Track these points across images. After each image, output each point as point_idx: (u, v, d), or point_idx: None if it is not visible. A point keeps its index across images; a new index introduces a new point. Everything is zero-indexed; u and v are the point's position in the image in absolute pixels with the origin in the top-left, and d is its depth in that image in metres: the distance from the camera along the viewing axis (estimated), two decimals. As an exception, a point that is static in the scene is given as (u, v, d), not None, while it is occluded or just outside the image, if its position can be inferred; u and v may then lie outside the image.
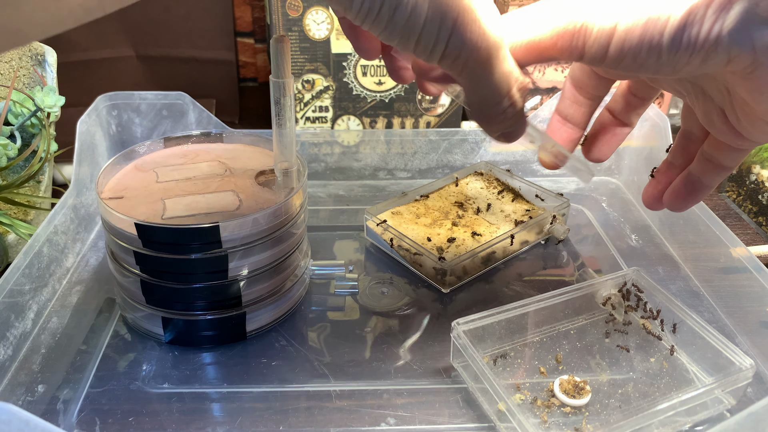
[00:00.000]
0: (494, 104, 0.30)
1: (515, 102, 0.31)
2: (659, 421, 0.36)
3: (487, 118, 0.31)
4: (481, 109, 0.31)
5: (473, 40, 0.27)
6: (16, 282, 0.41)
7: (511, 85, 0.30)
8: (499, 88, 0.30)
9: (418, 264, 0.51)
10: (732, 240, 0.47)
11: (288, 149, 0.44)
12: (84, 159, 0.53)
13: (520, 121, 0.32)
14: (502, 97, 0.30)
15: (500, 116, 0.31)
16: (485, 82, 0.29)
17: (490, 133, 0.32)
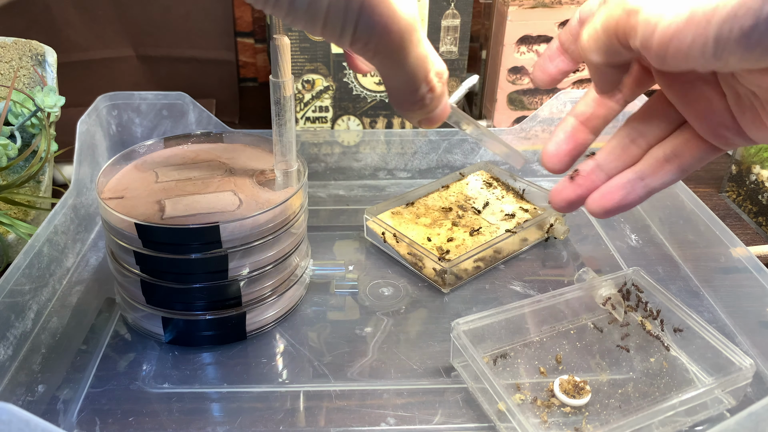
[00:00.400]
0: (411, 90, 0.30)
1: (434, 88, 0.30)
2: (659, 421, 0.36)
3: (405, 105, 0.31)
4: (399, 95, 0.30)
5: (383, 23, 0.26)
6: (16, 282, 0.41)
7: (427, 70, 0.29)
8: (415, 74, 0.29)
9: (418, 264, 0.51)
10: (732, 240, 0.47)
11: (288, 149, 0.44)
12: (84, 159, 0.53)
13: (441, 107, 0.31)
14: (419, 83, 0.30)
15: (419, 102, 0.30)
16: (400, 67, 0.29)
17: (410, 120, 0.32)
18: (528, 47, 0.66)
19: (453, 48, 0.65)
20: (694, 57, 0.29)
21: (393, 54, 0.28)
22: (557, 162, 0.41)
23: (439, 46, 0.64)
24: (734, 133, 0.35)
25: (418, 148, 0.64)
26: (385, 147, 0.63)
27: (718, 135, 0.36)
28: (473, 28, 0.66)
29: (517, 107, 0.69)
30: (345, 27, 0.26)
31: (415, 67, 0.29)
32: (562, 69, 0.42)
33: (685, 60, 0.30)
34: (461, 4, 0.63)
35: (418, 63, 0.29)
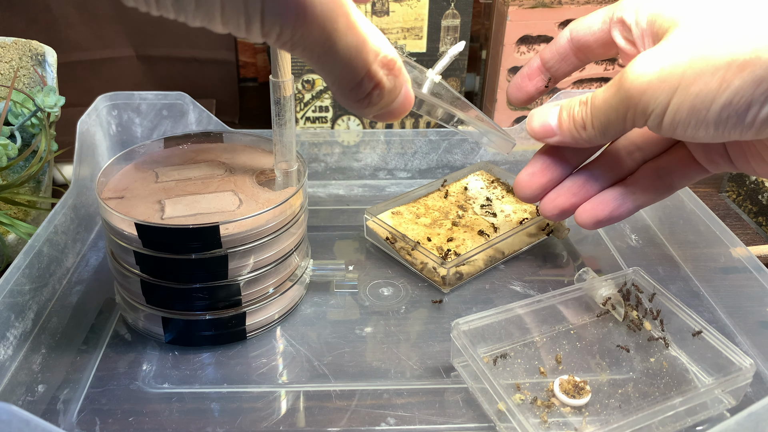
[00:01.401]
0: (350, 87, 0.26)
1: (380, 82, 0.26)
2: (659, 421, 0.36)
3: (348, 103, 0.27)
4: (337, 92, 0.26)
5: (294, 7, 0.22)
6: (16, 282, 0.41)
7: (367, 62, 0.25)
8: (350, 67, 0.25)
9: (417, 265, 0.51)
10: (732, 240, 0.47)
11: (288, 149, 0.44)
12: (84, 159, 0.53)
13: (398, 101, 0.27)
14: (358, 78, 0.25)
15: (364, 100, 0.26)
16: (329, 61, 0.25)
17: (363, 116, 0.30)
18: (528, 47, 0.66)
19: (453, 48, 0.65)
20: (700, 137, 0.32)
21: (316, 45, 0.24)
22: (525, 195, 0.42)
23: (439, 46, 0.64)
24: (725, 161, 0.38)
25: (418, 148, 0.64)
26: (385, 147, 0.63)
27: (711, 161, 0.39)
28: (473, 28, 0.66)
29: (517, 107, 0.69)
30: (250, 19, 0.22)
31: (349, 59, 0.25)
32: (540, 88, 0.43)
33: (692, 137, 0.33)
34: (461, 4, 0.63)
35: (351, 54, 0.24)
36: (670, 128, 0.32)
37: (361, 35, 0.24)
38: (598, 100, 0.35)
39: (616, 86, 0.34)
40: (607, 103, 0.34)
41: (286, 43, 0.23)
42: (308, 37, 0.23)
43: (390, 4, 0.62)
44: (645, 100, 0.32)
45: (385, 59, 0.26)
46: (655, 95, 0.32)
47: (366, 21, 0.25)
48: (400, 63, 0.26)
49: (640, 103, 0.32)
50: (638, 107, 0.33)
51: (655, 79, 0.31)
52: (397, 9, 0.62)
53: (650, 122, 0.33)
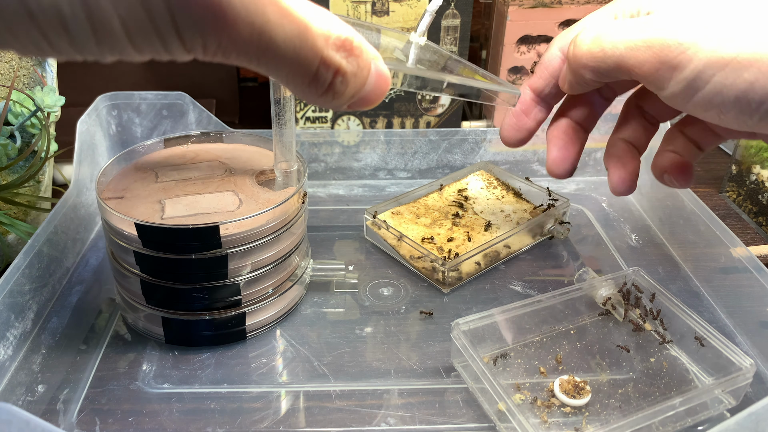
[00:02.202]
0: (308, 82, 0.23)
1: (339, 68, 0.23)
2: (659, 421, 0.36)
3: (311, 99, 0.24)
4: (297, 90, 0.23)
5: (211, 14, 0.19)
6: (16, 282, 0.41)
7: (316, 48, 0.22)
8: (299, 60, 0.22)
9: (417, 265, 0.51)
10: (732, 240, 0.47)
11: (288, 149, 0.44)
12: (84, 159, 0.53)
13: (371, 83, 0.24)
14: (313, 69, 0.22)
15: (328, 92, 0.23)
16: (273, 60, 0.21)
17: (335, 109, 0.25)
18: (528, 47, 0.66)
19: (453, 48, 0.65)
20: (726, 119, 0.30)
21: (250, 47, 0.21)
22: (564, 170, 0.40)
23: (439, 46, 0.64)
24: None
25: (418, 148, 0.64)
26: (385, 147, 0.63)
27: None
28: (473, 28, 0.66)
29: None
30: (165, 39, 0.20)
31: (295, 52, 0.21)
32: (540, 119, 0.41)
33: (714, 117, 0.30)
34: (461, 4, 0.63)
35: (295, 45, 0.21)
36: (699, 105, 0.30)
37: (300, 20, 0.21)
38: (619, 46, 0.31)
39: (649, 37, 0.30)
40: (632, 51, 0.31)
41: (216, 53, 0.21)
42: (238, 41, 0.20)
43: (390, 4, 0.62)
44: (688, 65, 0.29)
45: (339, 40, 0.22)
46: (705, 67, 0.28)
47: (303, 2, 0.21)
48: (360, 40, 0.23)
49: (680, 67, 0.29)
50: (676, 70, 0.29)
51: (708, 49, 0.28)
52: (397, 9, 0.62)
53: (679, 90, 0.30)
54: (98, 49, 0.19)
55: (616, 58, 0.32)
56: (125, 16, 0.19)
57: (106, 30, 0.19)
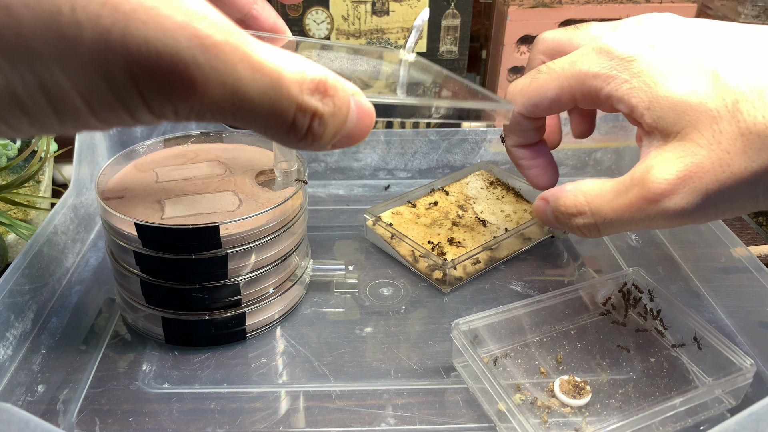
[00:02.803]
0: (286, 131, 0.22)
1: (316, 111, 0.22)
2: (659, 421, 0.36)
3: (292, 145, 0.23)
4: (277, 139, 0.23)
5: (178, 79, 0.18)
6: (16, 282, 0.41)
7: (293, 97, 0.21)
8: (276, 112, 0.21)
9: (417, 265, 0.51)
10: (732, 240, 0.47)
11: (288, 149, 0.44)
12: (84, 159, 0.53)
13: (352, 121, 0.24)
14: (290, 118, 0.22)
15: (307, 137, 0.23)
16: (249, 115, 0.21)
17: (319, 151, 0.25)
18: (528, 47, 0.66)
19: (453, 48, 0.65)
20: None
21: (225, 106, 0.20)
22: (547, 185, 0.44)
23: (439, 46, 0.64)
24: None
25: (418, 148, 0.64)
26: (385, 147, 0.63)
27: None
28: (473, 28, 0.66)
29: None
30: (132, 109, 0.19)
31: (270, 105, 0.21)
32: (552, 145, 0.45)
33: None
34: (461, 4, 0.63)
35: (270, 97, 0.21)
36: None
37: (272, 71, 0.20)
38: (607, 211, 0.34)
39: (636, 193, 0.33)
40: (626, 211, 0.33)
41: (189, 116, 0.20)
42: (210, 103, 0.20)
43: (390, 4, 0.62)
44: None
45: (312, 83, 0.21)
46: None
47: (270, 48, 0.21)
48: (334, 78, 0.22)
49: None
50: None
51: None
52: (397, 9, 0.62)
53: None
54: (61, 126, 0.19)
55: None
56: (86, 92, 0.18)
57: (67, 107, 0.18)
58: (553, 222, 0.37)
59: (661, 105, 0.31)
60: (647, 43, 0.33)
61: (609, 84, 0.33)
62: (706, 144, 0.30)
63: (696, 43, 0.32)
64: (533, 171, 0.43)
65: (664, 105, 0.31)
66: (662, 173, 0.31)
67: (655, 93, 0.32)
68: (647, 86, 0.32)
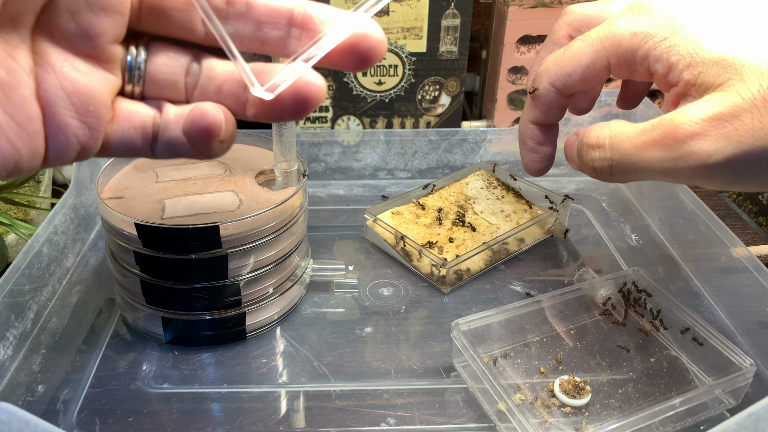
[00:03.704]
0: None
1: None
2: (659, 421, 0.36)
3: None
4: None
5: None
6: (16, 282, 0.41)
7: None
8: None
9: (417, 265, 0.51)
10: (732, 240, 0.47)
11: (288, 149, 0.44)
12: (84, 159, 0.53)
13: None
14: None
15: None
16: None
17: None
18: (528, 47, 0.66)
19: (453, 48, 0.65)
20: None
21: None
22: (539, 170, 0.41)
23: (439, 46, 0.64)
24: None
25: (418, 148, 0.64)
26: (385, 147, 0.63)
27: None
28: (473, 28, 0.66)
29: (517, 107, 0.69)
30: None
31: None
32: (553, 141, 0.40)
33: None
34: (461, 4, 0.63)
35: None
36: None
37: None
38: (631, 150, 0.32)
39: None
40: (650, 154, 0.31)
41: None
42: None
43: (390, 4, 0.62)
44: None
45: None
46: None
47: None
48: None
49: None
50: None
51: None
52: (397, 9, 0.62)
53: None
54: None
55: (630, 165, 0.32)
56: None
57: None
58: (575, 158, 0.35)
59: (704, 60, 0.29)
60: (690, 1, 0.31)
61: (647, 43, 0.31)
62: (750, 98, 0.28)
63: (742, 3, 0.31)
64: (533, 155, 0.40)
65: (708, 60, 0.29)
66: (695, 112, 0.29)
67: (698, 49, 0.30)
68: (689, 42, 0.30)
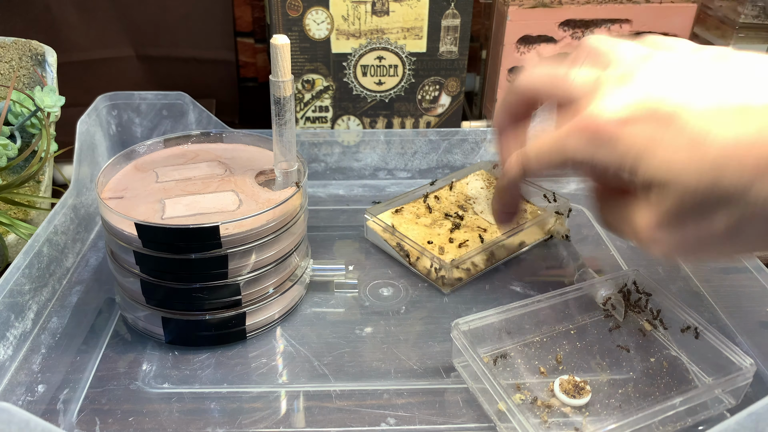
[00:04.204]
0: None
1: None
2: (659, 421, 0.36)
3: None
4: None
5: None
6: (16, 282, 0.41)
7: None
8: None
9: (417, 266, 0.51)
10: (732, 240, 0.47)
11: (288, 149, 0.44)
12: (84, 159, 0.53)
13: None
14: None
15: None
16: None
17: None
18: (528, 47, 0.66)
19: (453, 48, 0.65)
20: None
21: None
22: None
23: (439, 46, 0.64)
24: None
25: (418, 148, 0.64)
26: (385, 147, 0.63)
27: None
28: (473, 28, 0.66)
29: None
30: None
31: None
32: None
33: None
34: (461, 4, 0.63)
35: None
36: None
37: None
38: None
39: None
40: None
41: None
42: None
43: (390, 4, 0.62)
44: None
45: None
46: None
47: None
48: None
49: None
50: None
51: None
52: (397, 9, 0.62)
53: None
54: None
55: None
56: None
57: None
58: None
59: (644, 179, 0.31)
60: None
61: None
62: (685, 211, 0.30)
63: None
64: (505, 216, 0.43)
65: (645, 180, 0.31)
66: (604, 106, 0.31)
67: (639, 167, 0.31)
68: (630, 160, 0.31)
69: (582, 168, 0.34)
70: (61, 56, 0.64)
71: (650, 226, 0.31)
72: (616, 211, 0.34)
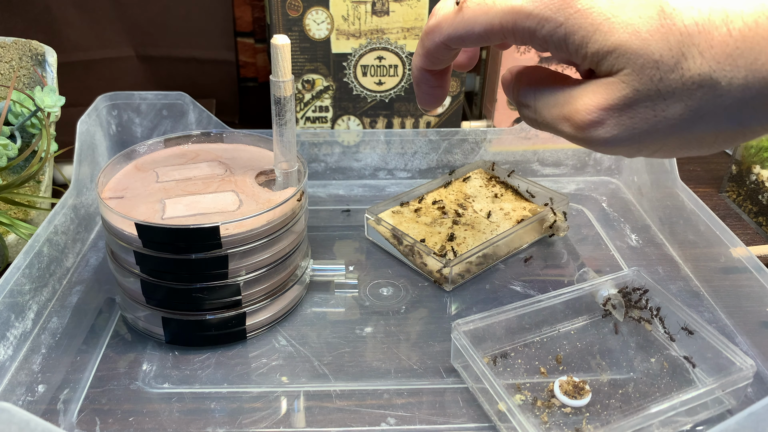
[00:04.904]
0: None
1: None
2: (659, 421, 0.36)
3: None
4: None
5: None
6: (16, 282, 0.41)
7: None
8: None
9: (419, 263, 0.51)
10: (732, 240, 0.47)
11: (288, 149, 0.44)
12: (84, 159, 0.53)
13: None
14: None
15: None
16: None
17: None
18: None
19: (453, 48, 0.65)
20: None
21: None
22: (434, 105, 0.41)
23: (439, 46, 0.64)
24: None
25: (418, 148, 0.64)
26: (385, 147, 0.63)
27: None
28: (473, 28, 0.66)
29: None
30: None
31: None
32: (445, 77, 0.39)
33: None
34: (461, 4, 0.63)
35: None
36: None
37: None
38: None
39: None
40: None
41: None
42: None
43: (390, 4, 0.62)
44: None
45: None
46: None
47: None
48: None
49: None
50: None
51: None
52: (397, 9, 0.62)
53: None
54: None
55: None
56: None
57: None
58: (511, 97, 0.36)
59: (599, 51, 0.28)
60: None
61: (543, 27, 0.29)
62: (645, 89, 0.27)
63: None
64: (427, 98, 0.40)
65: (603, 51, 0.28)
66: (593, 101, 0.29)
67: (594, 38, 0.28)
68: (584, 30, 0.28)
69: (520, 37, 0.31)
70: (61, 56, 0.64)
71: (597, 105, 0.28)
72: (551, 99, 0.31)
